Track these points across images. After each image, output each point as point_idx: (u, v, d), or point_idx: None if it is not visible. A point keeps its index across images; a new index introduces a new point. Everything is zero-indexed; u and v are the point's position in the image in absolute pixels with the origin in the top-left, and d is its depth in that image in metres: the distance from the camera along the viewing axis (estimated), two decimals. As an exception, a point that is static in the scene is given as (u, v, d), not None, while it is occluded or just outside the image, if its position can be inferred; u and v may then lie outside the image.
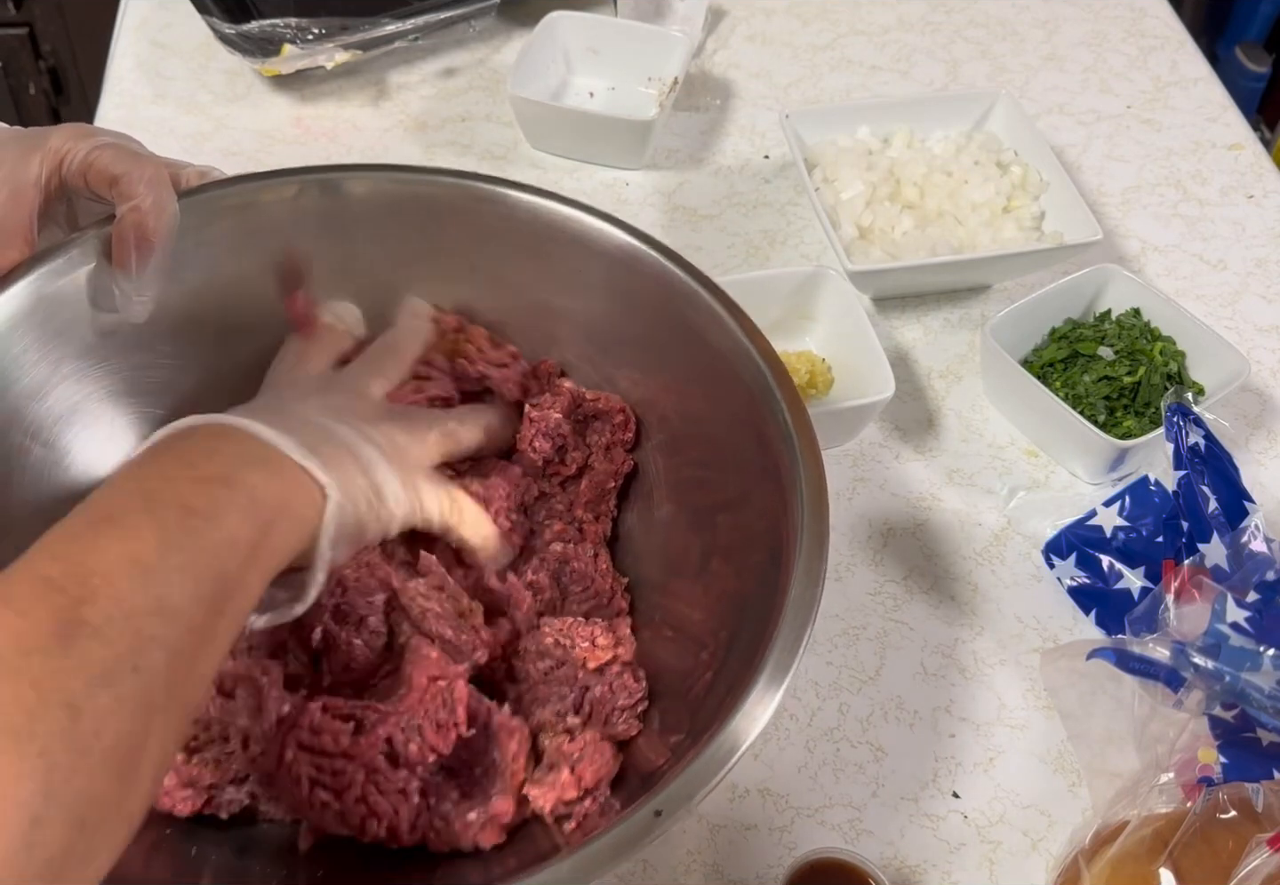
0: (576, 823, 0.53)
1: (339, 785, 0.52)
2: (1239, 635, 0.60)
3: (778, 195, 0.97)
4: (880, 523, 0.77)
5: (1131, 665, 0.60)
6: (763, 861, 0.62)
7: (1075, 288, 0.83)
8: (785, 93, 1.06)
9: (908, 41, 1.11)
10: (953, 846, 0.64)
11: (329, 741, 0.52)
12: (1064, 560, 0.73)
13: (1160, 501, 0.72)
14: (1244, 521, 0.65)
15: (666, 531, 0.66)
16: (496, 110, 1.01)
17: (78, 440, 0.64)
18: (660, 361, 0.66)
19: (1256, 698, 0.58)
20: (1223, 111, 1.06)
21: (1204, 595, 0.62)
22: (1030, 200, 0.91)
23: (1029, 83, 1.08)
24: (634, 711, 0.58)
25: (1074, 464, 0.79)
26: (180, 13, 1.05)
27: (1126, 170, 1.01)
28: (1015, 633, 0.72)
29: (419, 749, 0.53)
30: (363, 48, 0.99)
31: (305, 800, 0.52)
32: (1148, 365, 0.79)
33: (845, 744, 0.67)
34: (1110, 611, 0.71)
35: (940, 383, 0.85)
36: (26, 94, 1.63)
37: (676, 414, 0.66)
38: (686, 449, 0.65)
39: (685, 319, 0.63)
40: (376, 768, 0.52)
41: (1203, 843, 0.56)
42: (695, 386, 0.64)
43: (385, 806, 0.52)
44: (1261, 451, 0.82)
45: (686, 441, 0.65)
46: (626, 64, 1.02)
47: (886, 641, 0.71)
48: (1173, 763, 0.59)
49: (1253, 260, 0.94)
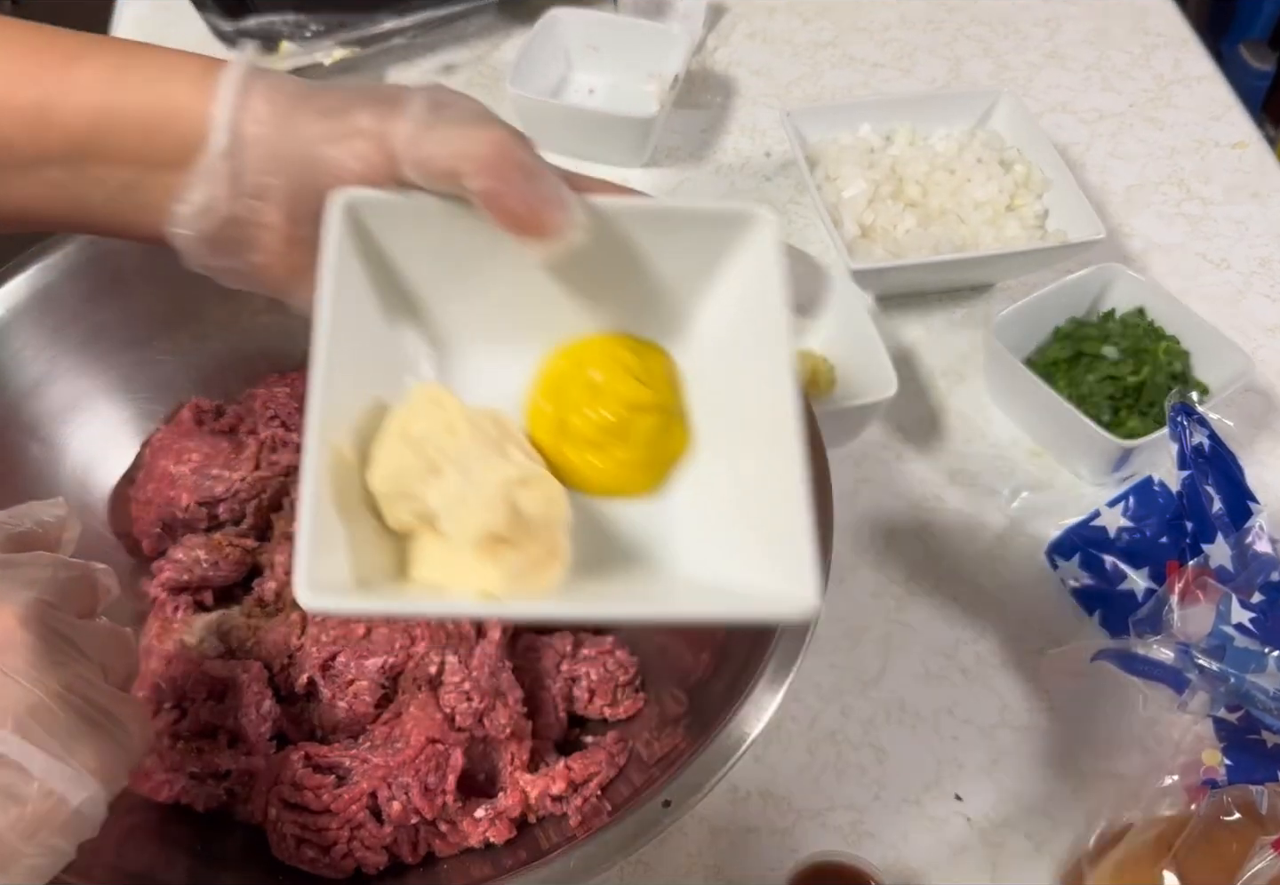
0: (578, 819, 0.53)
1: (324, 842, 0.52)
2: (1244, 636, 0.60)
3: (779, 193, 0.96)
4: (883, 523, 0.77)
5: (1135, 667, 0.60)
6: (764, 864, 0.62)
7: (1079, 287, 0.83)
8: (786, 90, 1.06)
9: (910, 39, 1.11)
10: (955, 849, 0.63)
11: (311, 798, 0.52)
12: (1068, 561, 0.73)
13: (1164, 502, 0.71)
14: (1248, 522, 0.65)
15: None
16: (496, 107, 0.98)
17: (75, 437, 0.64)
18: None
19: (1261, 700, 0.58)
20: (1226, 110, 1.05)
21: (1208, 596, 0.62)
22: (1033, 198, 0.90)
23: (1032, 81, 1.07)
24: (633, 686, 0.59)
25: (1078, 464, 0.79)
26: (177, 9, 1.04)
27: (1130, 169, 1.00)
28: (1018, 634, 0.72)
29: (402, 809, 0.52)
30: (361, 44, 0.99)
31: (294, 855, 0.52)
32: (1152, 365, 0.78)
33: (847, 746, 0.67)
34: (1114, 613, 0.71)
35: (943, 382, 0.84)
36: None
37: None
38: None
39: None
40: (360, 823, 0.52)
41: (1207, 845, 0.56)
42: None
43: (374, 859, 0.52)
44: (1266, 451, 0.82)
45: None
46: (627, 61, 1.01)
47: (889, 643, 0.71)
48: (1177, 765, 0.59)
49: (1257, 259, 0.93)
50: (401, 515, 0.39)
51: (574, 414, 0.42)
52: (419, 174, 0.40)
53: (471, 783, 0.55)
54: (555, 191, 0.40)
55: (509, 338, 0.43)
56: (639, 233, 0.41)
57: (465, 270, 0.42)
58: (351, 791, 0.52)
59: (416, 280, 0.42)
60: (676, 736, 0.55)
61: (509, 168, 0.39)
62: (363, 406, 0.40)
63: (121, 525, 0.65)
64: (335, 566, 0.36)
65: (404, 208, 0.40)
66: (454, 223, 0.40)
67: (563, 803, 0.54)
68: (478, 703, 0.54)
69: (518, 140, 0.40)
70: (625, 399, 0.42)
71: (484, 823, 0.53)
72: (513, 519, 0.38)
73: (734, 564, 0.41)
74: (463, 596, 0.38)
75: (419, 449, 0.38)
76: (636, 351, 0.43)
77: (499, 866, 0.53)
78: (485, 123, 0.40)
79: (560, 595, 0.39)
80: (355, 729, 0.55)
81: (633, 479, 0.43)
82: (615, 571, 0.42)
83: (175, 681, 0.57)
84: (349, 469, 0.38)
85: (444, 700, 0.55)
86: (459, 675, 0.55)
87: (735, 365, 0.43)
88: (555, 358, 0.44)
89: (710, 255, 0.42)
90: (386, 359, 0.42)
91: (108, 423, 0.66)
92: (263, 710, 0.55)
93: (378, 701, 0.55)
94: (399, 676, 0.56)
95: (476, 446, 0.38)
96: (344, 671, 0.55)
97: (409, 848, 0.53)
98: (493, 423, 0.40)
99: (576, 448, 0.42)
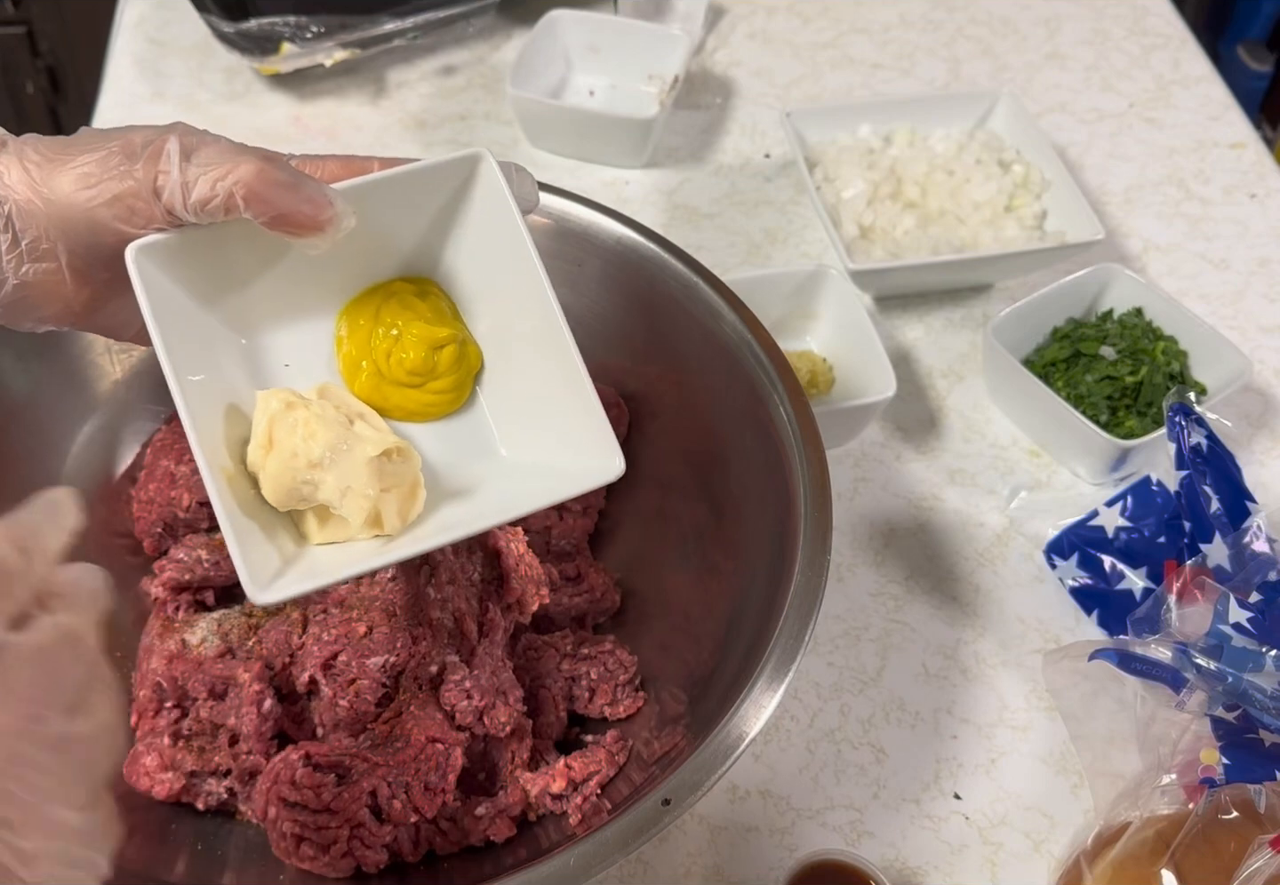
0: (578, 817, 0.54)
1: (324, 840, 0.52)
2: (1241, 636, 0.60)
3: (779, 194, 0.97)
4: (882, 523, 0.77)
5: (1134, 666, 0.60)
6: (764, 863, 0.62)
7: (1077, 287, 0.83)
8: (786, 91, 1.06)
9: (909, 40, 1.11)
10: (954, 848, 0.63)
11: (311, 797, 0.52)
12: (1066, 561, 0.73)
13: (1162, 502, 0.71)
14: (1246, 522, 0.65)
15: (663, 525, 0.65)
16: (496, 108, 1.01)
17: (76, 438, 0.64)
18: (657, 353, 0.66)
19: (1259, 699, 0.58)
20: (1225, 110, 1.05)
21: (1206, 596, 0.62)
22: (1032, 199, 0.91)
23: (1031, 81, 1.07)
24: (633, 685, 0.59)
25: (1076, 464, 0.79)
26: (179, 11, 1.05)
27: (1129, 169, 1.00)
28: (1017, 633, 0.72)
29: (402, 807, 0.52)
30: (361, 46, 0.99)
31: (294, 854, 0.52)
32: (1150, 365, 0.78)
33: (846, 745, 0.67)
34: (1112, 612, 0.71)
35: (942, 382, 0.85)
36: (24, 93, 1.63)
37: (674, 405, 0.66)
38: (685, 440, 0.65)
39: (684, 311, 0.63)
40: (361, 822, 0.52)
41: (1205, 844, 0.56)
42: (695, 378, 0.64)
43: (374, 857, 0.52)
44: (1264, 451, 0.82)
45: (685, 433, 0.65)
46: (627, 62, 1.01)
47: (888, 642, 0.71)
48: (1175, 764, 0.59)
49: (1255, 260, 0.93)
50: (297, 509, 0.47)
51: (384, 362, 0.50)
52: (195, 215, 0.44)
53: (472, 781, 0.55)
54: (318, 193, 0.44)
55: (309, 310, 0.50)
56: (389, 197, 0.48)
57: (255, 273, 0.48)
58: (352, 790, 0.52)
59: (219, 294, 0.48)
60: (676, 735, 0.55)
61: (272, 187, 0.44)
62: (224, 420, 0.46)
63: (123, 525, 0.65)
64: (267, 562, 0.44)
65: (188, 243, 0.45)
66: (231, 240, 0.46)
67: (563, 801, 0.54)
68: (478, 701, 0.54)
69: (270, 161, 0.44)
70: (423, 339, 0.49)
71: (484, 821, 0.54)
72: (383, 484, 0.46)
73: (548, 448, 0.50)
74: (369, 552, 0.46)
75: (290, 464, 0.45)
76: (418, 294, 0.50)
77: (499, 865, 0.53)
78: (236, 155, 0.44)
79: (433, 524, 0.47)
80: (356, 728, 0.56)
81: (448, 401, 0.51)
82: (459, 482, 0.49)
83: (176, 681, 0.57)
84: (238, 478, 0.46)
85: (445, 698, 0.55)
86: (460, 674, 0.55)
87: (496, 279, 0.50)
88: (353, 316, 0.50)
89: (450, 195, 0.49)
90: (225, 372, 0.48)
91: (108, 423, 0.66)
92: (263, 709, 0.55)
93: (379, 700, 0.56)
94: (400, 675, 0.56)
95: (331, 435, 0.46)
96: (345, 670, 0.56)
97: (410, 846, 0.53)
98: (333, 405, 0.47)
99: (397, 388, 0.50)
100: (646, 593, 0.65)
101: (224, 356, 0.48)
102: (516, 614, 0.58)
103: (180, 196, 0.44)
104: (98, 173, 0.45)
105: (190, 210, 0.44)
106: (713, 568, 0.62)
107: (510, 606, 0.58)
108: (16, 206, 0.45)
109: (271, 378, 0.49)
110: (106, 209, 0.44)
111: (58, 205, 0.45)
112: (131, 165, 0.44)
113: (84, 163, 0.45)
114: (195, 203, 0.44)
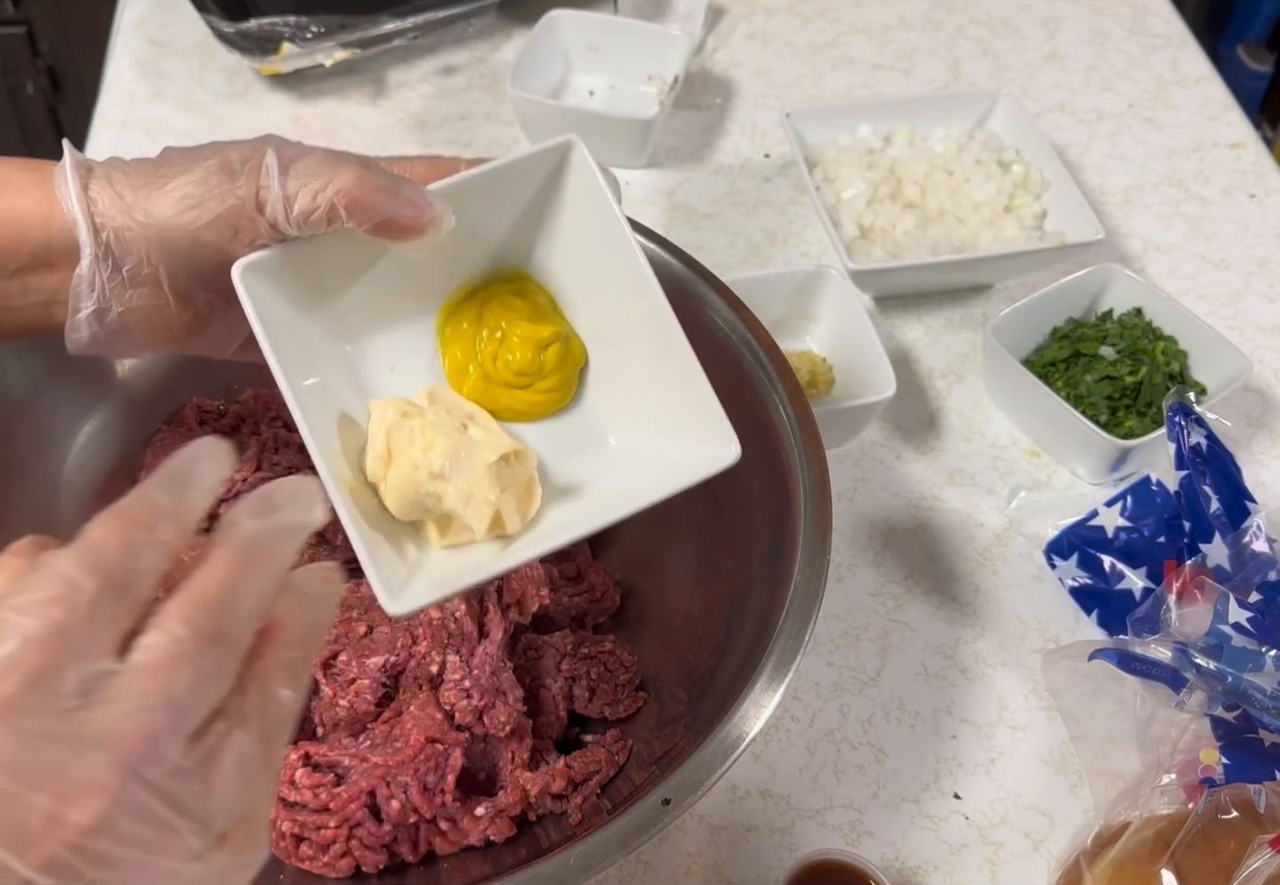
0: (578, 816, 0.54)
1: (323, 840, 0.52)
2: (1241, 636, 0.60)
3: (778, 194, 0.97)
4: (881, 523, 0.77)
5: (1133, 666, 0.60)
6: (763, 863, 0.62)
7: (1077, 287, 0.83)
8: (786, 91, 1.06)
9: (909, 40, 1.11)
10: (954, 848, 0.63)
11: (309, 797, 0.52)
12: (1066, 561, 0.73)
13: (1162, 502, 0.71)
14: (1246, 522, 0.65)
15: (663, 525, 0.65)
16: (496, 109, 1.01)
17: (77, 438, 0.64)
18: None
19: (1258, 698, 0.58)
20: (1225, 110, 1.05)
21: (1206, 596, 0.62)
22: (1032, 199, 0.91)
23: (1030, 81, 1.08)
24: (633, 685, 0.59)
25: (1076, 464, 0.79)
26: (179, 11, 1.05)
27: (1128, 169, 1.00)
28: (1017, 633, 0.72)
29: (401, 807, 0.52)
30: (361, 46, 0.99)
31: (292, 853, 0.52)
32: (1149, 365, 0.79)
33: (846, 745, 0.67)
34: (1112, 612, 0.71)
35: (941, 382, 0.85)
36: (24, 93, 1.63)
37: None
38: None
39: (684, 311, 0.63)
40: (359, 822, 0.52)
41: (1205, 844, 0.56)
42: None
43: (373, 857, 0.52)
44: (1263, 451, 0.82)
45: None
46: (627, 62, 1.01)
47: (888, 642, 0.71)
48: (1174, 764, 0.59)
49: (1255, 260, 0.93)
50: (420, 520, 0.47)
51: (491, 365, 0.49)
52: (298, 228, 0.44)
53: (472, 781, 0.55)
54: (418, 196, 0.44)
55: (407, 312, 0.49)
56: (484, 193, 0.47)
57: (352, 279, 0.48)
58: (350, 790, 0.52)
59: (319, 303, 0.47)
60: (676, 735, 0.55)
61: (372, 194, 0.43)
62: (338, 431, 0.46)
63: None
64: (396, 573, 0.44)
65: (289, 255, 0.45)
66: (328, 248, 0.46)
67: (563, 801, 0.54)
68: (478, 701, 0.54)
69: (368, 167, 0.44)
70: (528, 339, 0.48)
71: (484, 820, 0.54)
72: (502, 486, 0.45)
73: (659, 438, 0.49)
74: (493, 555, 0.45)
75: (411, 476, 0.45)
76: (515, 292, 0.50)
77: (499, 864, 0.53)
78: (334, 165, 0.44)
79: (552, 523, 0.47)
80: (355, 727, 0.55)
81: (556, 399, 0.50)
82: (569, 477, 0.49)
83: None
84: (360, 489, 0.46)
85: (444, 697, 0.55)
86: (459, 673, 0.55)
87: (593, 267, 0.49)
88: (455, 320, 0.50)
89: (541, 185, 0.48)
90: (333, 381, 0.47)
91: (109, 423, 0.66)
92: None
93: (378, 700, 0.56)
94: (400, 675, 0.56)
95: (450, 444, 0.45)
96: (345, 670, 0.56)
97: (409, 846, 0.53)
98: (445, 409, 0.47)
99: (505, 390, 0.49)
100: (646, 593, 0.65)
101: (331, 366, 0.48)
102: (516, 614, 0.58)
103: (283, 211, 0.43)
104: (199, 193, 0.44)
105: (294, 223, 0.44)
106: (713, 568, 0.62)
107: (510, 606, 0.58)
108: (114, 233, 0.44)
109: (378, 383, 0.49)
110: (210, 230, 0.44)
111: (157, 229, 0.44)
112: (233, 183, 0.44)
113: (182, 184, 0.44)
114: (298, 216, 0.43)
